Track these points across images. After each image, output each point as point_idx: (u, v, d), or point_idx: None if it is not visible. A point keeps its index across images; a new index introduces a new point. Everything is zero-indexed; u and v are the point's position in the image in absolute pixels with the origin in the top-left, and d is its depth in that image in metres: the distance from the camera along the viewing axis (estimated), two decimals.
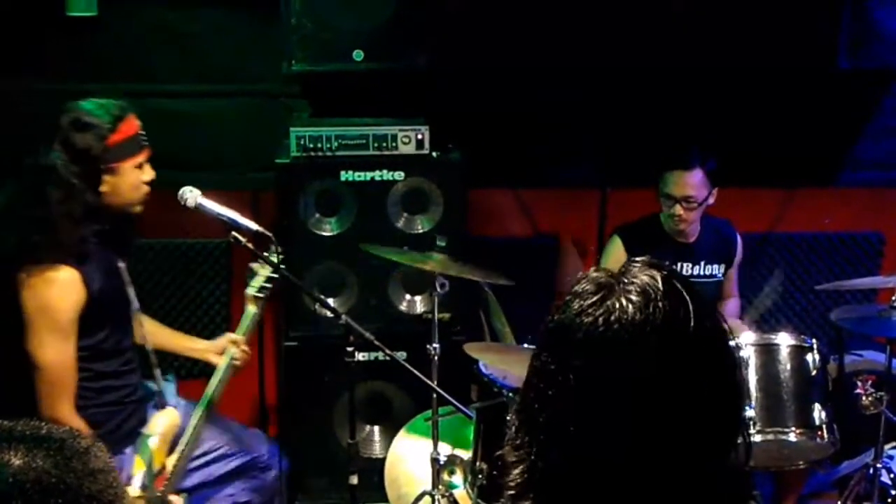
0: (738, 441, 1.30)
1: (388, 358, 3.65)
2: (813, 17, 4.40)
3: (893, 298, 3.77)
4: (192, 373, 4.34)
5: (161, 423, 3.24)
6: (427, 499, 3.85)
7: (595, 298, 1.27)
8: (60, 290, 3.18)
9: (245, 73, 4.60)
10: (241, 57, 4.58)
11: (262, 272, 3.50)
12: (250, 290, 3.51)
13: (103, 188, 3.26)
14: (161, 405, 3.50)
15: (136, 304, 3.49)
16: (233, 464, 3.67)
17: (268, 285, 3.51)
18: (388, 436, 4.32)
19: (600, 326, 1.25)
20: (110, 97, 3.33)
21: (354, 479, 3.63)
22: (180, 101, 4.62)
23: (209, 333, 4.78)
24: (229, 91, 4.64)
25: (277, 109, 4.59)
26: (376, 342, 3.49)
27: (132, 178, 3.32)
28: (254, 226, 3.36)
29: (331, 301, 4.10)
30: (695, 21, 4.34)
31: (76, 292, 3.21)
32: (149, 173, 3.39)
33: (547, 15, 4.34)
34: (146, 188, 3.38)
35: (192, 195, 3.38)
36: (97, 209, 3.26)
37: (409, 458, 4.13)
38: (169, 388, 3.64)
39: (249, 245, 3.38)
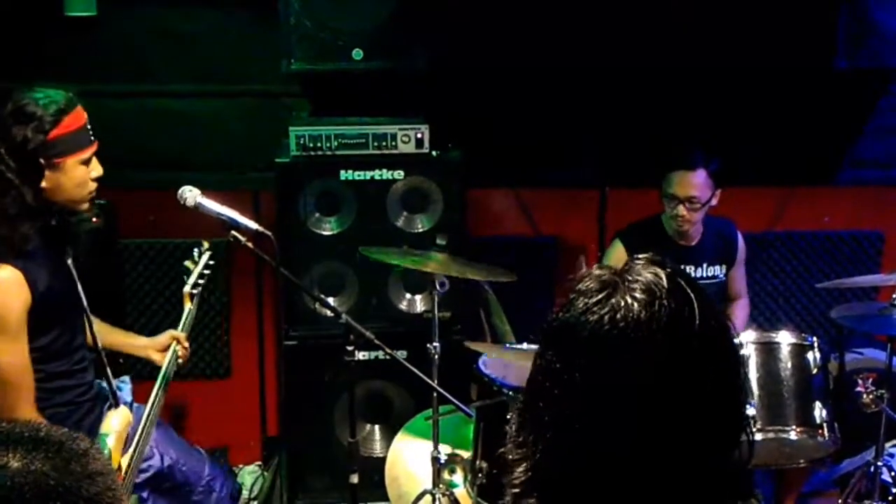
0: (742, 438, 1.29)
1: (388, 357, 3.65)
2: (811, 17, 4.40)
3: (894, 296, 3.77)
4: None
5: (115, 421, 3.16)
6: (427, 498, 3.85)
7: (600, 297, 1.27)
8: (2, 291, 3.02)
9: (245, 73, 4.60)
10: (241, 57, 4.57)
11: (196, 270, 3.47)
12: (185, 288, 3.45)
13: (44, 184, 3.05)
14: (115, 405, 3.34)
15: (84, 301, 3.30)
16: (178, 478, 3.55)
17: (201, 282, 3.48)
18: (389, 435, 4.32)
19: (606, 325, 1.25)
20: (60, 88, 3.14)
21: (355, 479, 3.62)
22: (180, 101, 4.62)
23: (209, 333, 4.80)
24: (229, 91, 4.64)
25: (277, 109, 4.58)
26: (376, 341, 3.48)
27: (76, 175, 3.12)
28: (253, 225, 3.33)
29: (331, 300, 4.10)
30: (694, 21, 4.34)
31: (20, 292, 3.04)
32: (97, 169, 3.19)
33: (547, 15, 4.34)
34: (93, 185, 3.19)
35: (191, 194, 3.34)
36: (36, 206, 3.07)
37: (409, 457, 4.13)
38: (124, 389, 3.59)
39: (249, 245, 3.35)
